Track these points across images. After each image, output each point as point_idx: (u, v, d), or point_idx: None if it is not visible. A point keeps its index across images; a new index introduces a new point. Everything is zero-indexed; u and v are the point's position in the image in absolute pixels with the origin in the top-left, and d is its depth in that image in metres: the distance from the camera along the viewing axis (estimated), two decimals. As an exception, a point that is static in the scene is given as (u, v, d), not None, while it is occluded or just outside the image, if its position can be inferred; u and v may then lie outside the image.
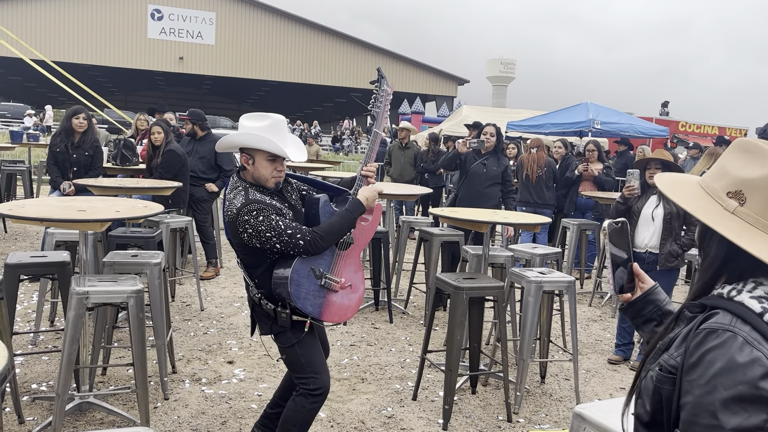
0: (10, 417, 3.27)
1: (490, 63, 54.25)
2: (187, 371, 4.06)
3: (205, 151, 6.50)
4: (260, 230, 2.50)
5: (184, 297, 5.75)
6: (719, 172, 1.14)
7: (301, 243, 2.51)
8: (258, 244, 2.54)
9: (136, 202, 3.95)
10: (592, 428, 2.07)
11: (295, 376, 2.71)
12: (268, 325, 2.68)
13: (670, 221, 4.45)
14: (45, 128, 23.11)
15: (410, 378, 4.17)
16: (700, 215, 1.10)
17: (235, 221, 2.53)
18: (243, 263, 2.68)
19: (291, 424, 2.68)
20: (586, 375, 4.50)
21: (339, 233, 2.61)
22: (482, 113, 17.63)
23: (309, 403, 2.67)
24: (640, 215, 4.56)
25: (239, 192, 2.59)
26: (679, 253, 4.46)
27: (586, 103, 13.51)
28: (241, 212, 2.51)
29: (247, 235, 2.53)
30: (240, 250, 2.65)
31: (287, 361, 2.72)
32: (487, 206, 5.50)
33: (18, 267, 3.40)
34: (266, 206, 2.52)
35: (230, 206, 2.57)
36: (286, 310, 2.60)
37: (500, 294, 3.70)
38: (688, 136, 19.26)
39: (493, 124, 5.94)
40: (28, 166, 9.79)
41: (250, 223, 2.50)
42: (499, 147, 5.81)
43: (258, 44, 38.17)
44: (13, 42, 15.36)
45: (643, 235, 4.53)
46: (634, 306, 1.41)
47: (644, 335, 1.41)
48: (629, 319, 1.44)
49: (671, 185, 1.20)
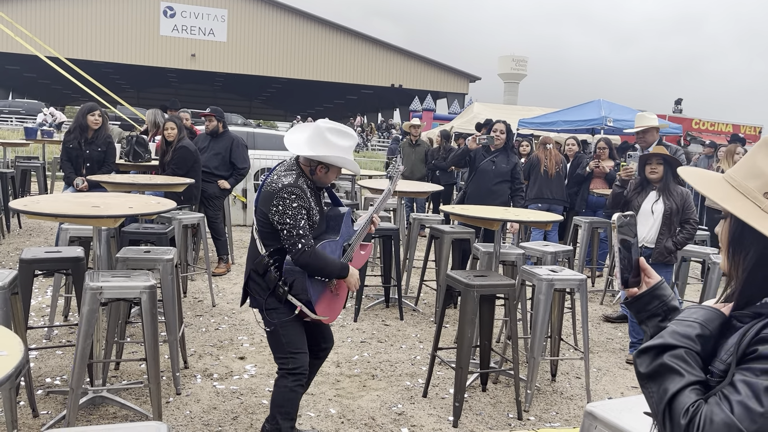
0: (24, 410, 3.31)
1: (501, 60, 54.02)
2: (198, 366, 4.09)
3: (221, 148, 6.52)
4: (286, 213, 2.71)
5: (196, 293, 5.78)
6: (752, 172, 1.10)
7: (299, 247, 2.70)
8: (275, 222, 2.74)
9: (149, 199, 3.98)
10: (604, 427, 2.06)
11: (276, 356, 2.89)
12: (264, 297, 2.81)
13: (670, 217, 4.47)
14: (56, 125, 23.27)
15: (420, 375, 4.17)
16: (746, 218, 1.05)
17: (274, 194, 2.73)
18: (260, 233, 2.83)
19: (278, 405, 2.84)
20: (597, 373, 4.49)
21: (324, 271, 2.78)
22: (494, 110, 17.58)
23: (290, 382, 2.82)
24: (640, 210, 4.58)
25: (292, 174, 2.79)
26: (672, 250, 4.52)
27: (598, 100, 13.45)
28: (284, 189, 2.72)
29: (275, 210, 2.73)
30: (263, 219, 2.80)
31: (270, 339, 2.88)
32: (496, 203, 5.48)
33: (33, 262, 3.44)
34: (304, 199, 2.75)
35: (277, 180, 2.77)
36: (285, 287, 2.76)
37: (511, 291, 3.70)
38: (701, 134, 19.09)
39: (503, 121, 5.91)
40: (42, 162, 9.89)
41: (284, 203, 2.71)
42: (508, 144, 5.78)
43: (269, 41, 38.25)
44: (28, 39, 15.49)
45: (640, 229, 4.51)
46: (640, 300, 1.39)
47: (648, 331, 1.40)
48: (633, 313, 1.41)
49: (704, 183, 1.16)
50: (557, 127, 13.68)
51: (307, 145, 2.83)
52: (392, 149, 15.42)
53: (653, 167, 4.54)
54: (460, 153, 5.89)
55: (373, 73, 40.09)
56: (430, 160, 9.32)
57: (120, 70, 40.41)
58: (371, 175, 9.16)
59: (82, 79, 13.28)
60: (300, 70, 38.92)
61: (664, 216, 4.48)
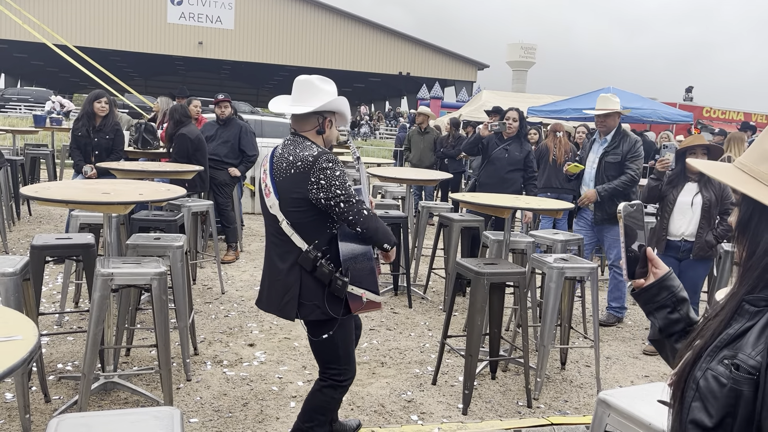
0: (36, 395, 3.33)
1: (510, 48, 53.63)
2: (208, 353, 4.10)
3: (229, 135, 6.52)
4: (334, 184, 2.42)
5: (205, 280, 5.80)
6: (763, 156, 1.08)
7: (364, 213, 2.45)
8: (323, 199, 2.42)
9: (158, 186, 3.98)
10: (617, 415, 2.06)
11: (328, 365, 2.62)
12: (317, 301, 2.48)
13: (709, 209, 4.33)
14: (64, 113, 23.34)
15: (430, 363, 4.17)
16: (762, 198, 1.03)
17: (308, 171, 2.42)
18: (295, 227, 2.49)
19: (319, 413, 2.66)
20: (607, 362, 4.47)
21: (388, 235, 2.56)
22: (502, 98, 17.47)
23: (338, 393, 2.66)
24: (676, 203, 4.44)
25: (309, 146, 2.50)
26: (713, 244, 4.38)
27: (608, 88, 13.35)
28: (320, 159, 2.43)
29: (317, 186, 2.42)
30: (295, 211, 2.49)
31: (321, 349, 2.59)
32: (509, 192, 5.44)
33: (44, 249, 3.45)
34: (341, 165, 2.50)
35: (298, 156, 2.46)
36: (345, 278, 2.46)
37: (521, 279, 3.68)
38: (712, 122, 18.91)
39: (516, 108, 5.84)
40: (51, 149, 9.91)
41: (327, 173, 2.42)
42: (521, 132, 5.73)
43: (277, 29, 38.12)
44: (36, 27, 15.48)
45: (679, 223, 4.43)
46: (648, 292, 1.37)
47: (656, 322, 1.37)
48: (641, 305, 1.40)
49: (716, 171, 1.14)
50: (566, 115, 13.58)
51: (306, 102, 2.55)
52: (400, 138, 15.36)
53: (697, 156, 4.29)
54: (472, 140, 5.85)
55: (381, 60, 39.90)
56: (439, 148, 9.28)
57: (127, 57, 40.41)
58: (379, 163, 9.14)
59: (90, 66, 13.28)
60: (307, 57, 38.77)
61: (703, 208, 4.33)
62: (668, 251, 4.51)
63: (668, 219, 4.47)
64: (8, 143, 11.41)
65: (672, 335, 1.36)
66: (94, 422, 1.64)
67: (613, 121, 5.04)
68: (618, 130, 5.07)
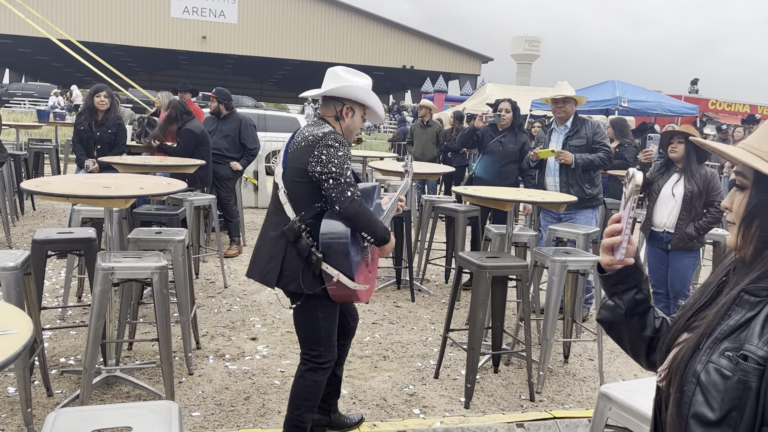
0: (39, 389, 3.34)
1: (514, 41, 53.45)
2: (211, 347, 4.11)
3: (229, 129, 6.51)
4: (331, 162, 2.53)
5: (208, 274, 5.80)
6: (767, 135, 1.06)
7: (348, 195, 2.53)
8: (317, 173, 2.53)
9: (159, 179, 3.97)
10: (618, 408, 2.04)
11: (308, 346, 2.70)
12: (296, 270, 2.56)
13: (691, 200, 4.18)
14: (72, 107, 23.41)
15: (432, 356, 4.17)
16: None
17: (314, 145, 2.56)
18: (289, 197, 2.61)
19: (305, 399, 2.71)
20: (610, 355, 4.46)
21: (371, 226, 2.62)
22: (506, 91, 17.39)
23: (319, 376, 2.71)
24: (660, 193, 4.33)
25: (325, 125, 2.65)
26: (694, 236, 4.21)
27: (612, 80, 13.27)
28: (327, 137, 2.56)
29: (317, 160, 2.54)
30: (297, 179, 2.60)
31: (304, 327, 2.68)
32: (505, 185, 5.37)
33: (45, 243, 3.45)
34: (348, 149, 2.61)
35: (312, 132, 2.60)
36: (320, 254, 2.54)
37: (524, 273, 3.67)
38: (718, 114, 18.81)
39: (509, 99, 5.78)
40: (55, 144, 9.92)
41: (330, 152, 2.54)
42: (515, 123, 5.63)
43: (280, 22, 38.04)
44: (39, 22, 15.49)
45: (661, 213, 4.33)
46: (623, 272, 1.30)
47: (621, 304, 1.31)
48: (608, 286, 1.33)
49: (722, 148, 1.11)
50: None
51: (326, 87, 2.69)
52: (402, 131, 15.32)
53: (674, 146, 4.25)
54: (466, 133, 5.78)
55: (385, 54, 39.81)
56: (443, 141, 9.25)
57: (131, 52, 40.42)
58: (382, 156, 9.12)
59: (94, 61, 13.29)
60: (311, 51, 38.70)
61: (684, 199, 4.20)
62: (653, 242, 4.44)
63: (653, 209, 4.37)
64: (12, 138, 11.42)
65: (634, 316, 1.32)
66: (91, 416, 1.64)
67: (571, 107, 4.99)
68: (576, 117, 5.00)
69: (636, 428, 2.02)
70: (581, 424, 3.36)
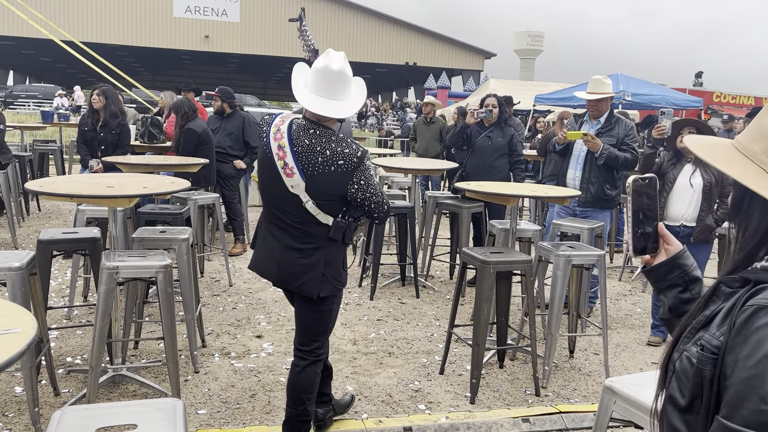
0: (46, 389, 3.36)
1: (517, 36, 53.33)
2: (216, 345, 4.12)
3: (233, 127, 6.52)
4: (370, 184, 2.49)
5: (213, 273, 5.81)
6: (758, 133, 1.05)
7: (385, 209, 2.58)
8: (358, 199, 2.50)
9: (163, 179, 3.98)
10: (623, 402, 2.04)
11: (312, 339, 2.71)
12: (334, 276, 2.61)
13: (710, 191, 4.09)
14: (76, 108, 23.48)
15: (437, 352, 4.17)
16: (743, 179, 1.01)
17: (354, 170, 2.45)
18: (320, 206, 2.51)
19: (308, 393, 2.74)
20: (615, 350, 4.45)
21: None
22: (509, 87, 17.36)
23: (318, 368, 2.77)
24: (675, 183, 4.21)
25: (343, 141, 2.48)
26: (713, 227, 4.17)
27: (616, 74, 13.21)
28: (364, 160, 2.45)
29: (358, 186, 2.47)
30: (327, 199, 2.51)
31: (317, 320, 2.68)
32: (496, 179, 5.36)
33: (50, 243, 3.46)
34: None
35: (341, 153, 2.43)
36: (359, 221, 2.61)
37: (528, 268, 3.66)
38: (722, 107, 18.70)
39: (494, 95, 5.79)
40: (59, 145, 9.96)
41: (367, 174, 2.47)
42: (502, 117, 5.62)
43: (283, 21, 37.95)
44: (42, 23, 15.53)
45: (677, 206, 4.22)
46: (659, 269, 1.33)
47: (666, 301, 1.33)
48: (651, 282, 1.36)
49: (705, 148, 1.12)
50: (574, 102, 13.47)
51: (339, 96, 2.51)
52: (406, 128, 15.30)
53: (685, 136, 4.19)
54: (458, 130, 5.75)
55: (388, 51, 39.75)
56: (446, 137, 9.24)
57: (134, 52, 40.47)
58: (384, 153, 9.11)
59: (97, 62, 13.32)
60: (314, 49, 38.62)
61: (703, 191, 4.09)
62: None
63: (666, 201, 4.26)
64: (17, 140, 11.47)
65: (681, 315, 1.33)
66: (96, 414, 1.65)
67: (606, 105, 4.83)
68: (611, 114, 4.84)
69: (641, 421, 2.02)
70: (587, 419, 3.35)
